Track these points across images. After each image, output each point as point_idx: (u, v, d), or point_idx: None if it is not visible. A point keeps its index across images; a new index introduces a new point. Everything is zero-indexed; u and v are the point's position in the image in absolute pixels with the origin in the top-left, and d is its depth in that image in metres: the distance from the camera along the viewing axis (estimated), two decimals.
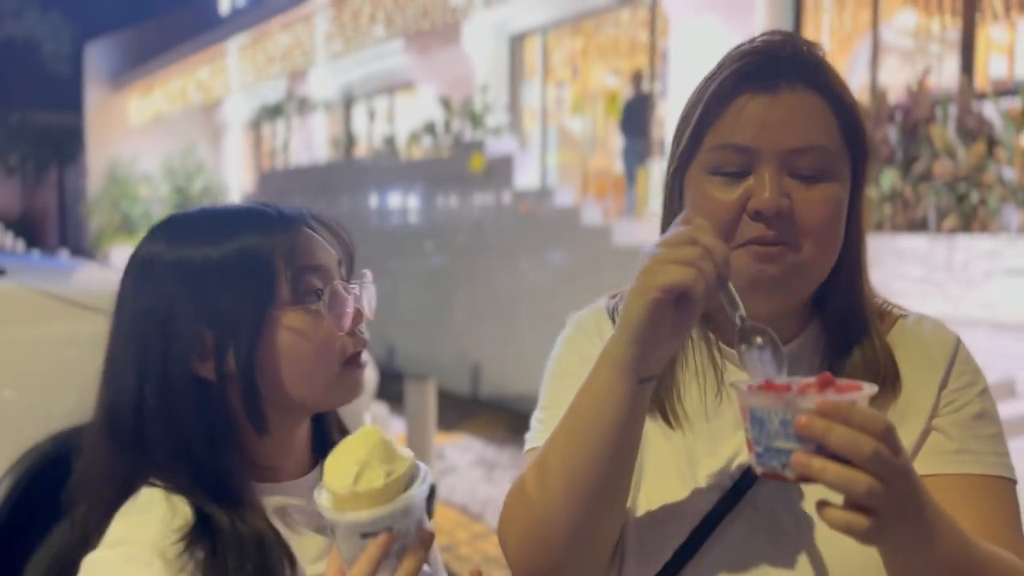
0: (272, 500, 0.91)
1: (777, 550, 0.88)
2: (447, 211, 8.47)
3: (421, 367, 7.32)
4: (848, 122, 0.88)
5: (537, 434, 0.99)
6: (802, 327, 0.94)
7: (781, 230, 0.84)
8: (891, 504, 0.66)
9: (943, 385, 0.93)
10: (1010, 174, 6.29)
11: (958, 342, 0.96)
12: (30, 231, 21.06)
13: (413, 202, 9.04)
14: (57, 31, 23.61)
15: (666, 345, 0.79)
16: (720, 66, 0.89)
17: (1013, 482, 0.92)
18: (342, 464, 0.75)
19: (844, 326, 0.92)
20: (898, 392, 0.91)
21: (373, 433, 0.77)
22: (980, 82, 7.36)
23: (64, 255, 10.49)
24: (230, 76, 17.31)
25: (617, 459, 0.81)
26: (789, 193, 0.85)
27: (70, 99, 21.79)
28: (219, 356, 0.87)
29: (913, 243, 6.61)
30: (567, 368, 0.98)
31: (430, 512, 0.83)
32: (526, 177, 7.68)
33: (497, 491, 5.09)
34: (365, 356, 0.94)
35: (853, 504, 0.66)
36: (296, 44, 14.89)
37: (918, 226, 6.80)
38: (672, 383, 0.94)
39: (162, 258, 0.90)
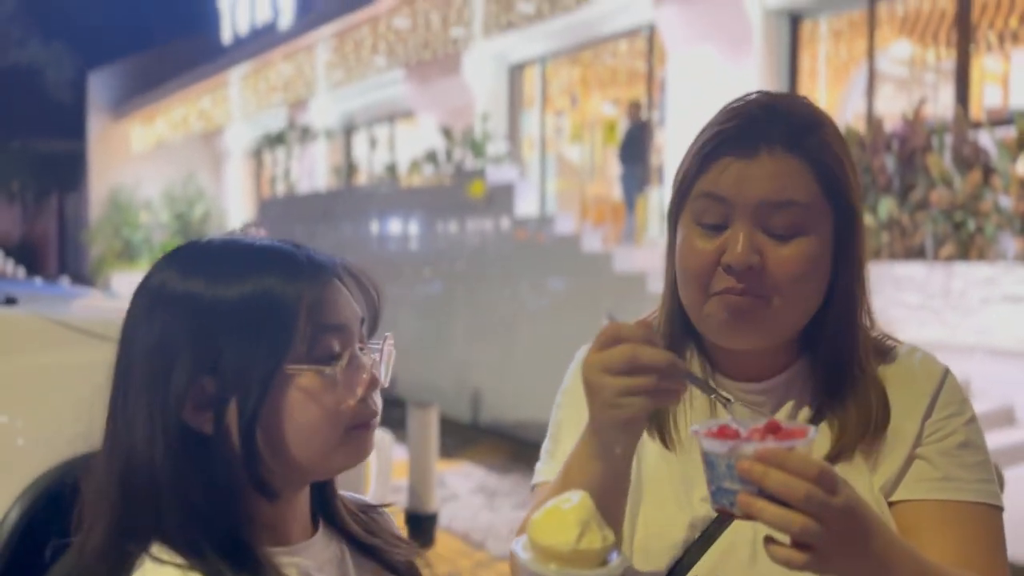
0: (289, 565, 0.84)
1: (759, 572, 0.93)
2: (447, 238, 8.52)
3: (421, 393, 7.32)
4: (829, 179, 0.92)
5: (545, 466, 1.04)
6: (790, 362, 0.99)
7: (751, 283, 0.90)
8: (830, 540, 0.71)
9: (927, 415, 0.96)
10: (1006, 202, 6.34)
11: (945, 373, 0.99)
12: (30, 258, 21.09)
13: (414, 229, 9.09)
14: (61, 60, 23.80)
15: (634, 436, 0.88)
16: (710, 124, 0.96)
17: (998, 509, 0.94)
18: (559, 522, 0.73)
19: (833, 365, 0.96)
20: (887, 427, 0.95)
21: (588, 498, 0.76)
22: (975, 111, 7.44)
23: (65, 282, 10.51)
24: (232, 105, 17.45)
25: (608, 504, 0.86)
26: (761, 249, 0.91)
27: (73, 127, 21.93)
28: (218, 408, 0.79)
29: (911, 271, 6.65)
30: (574, 400, 1.01)
31: None
32: (526, 204, 7.74)
33: (498, 518, 5.08)
34: (375, 421, 0.87)
35: (796, 542, 0.72)
36: (298, 73, 15.03)
37: (915, 254, 6.85)
38: (670, 408, 0.98)
39: (172, 289, 0.81)
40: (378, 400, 0.88)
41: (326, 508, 0.92)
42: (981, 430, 0.98)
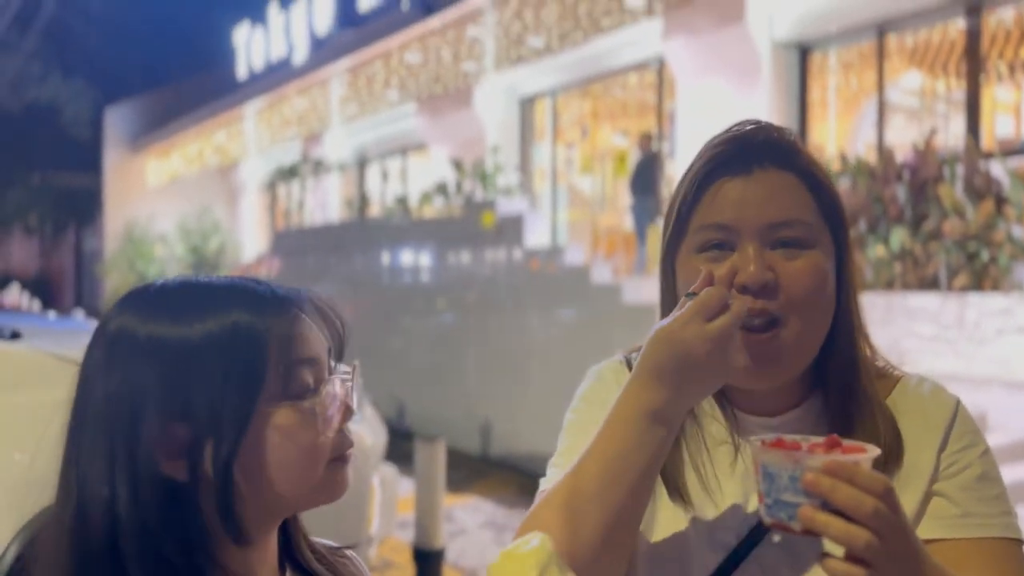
0: None
1: None
2: (458, 269, 8.53)
3: (431, 425, 7.29)
4: (823, 197, 0.93)
5: (554, 479, 1.00)
6: (804, 397, 0.97)
7: (767, 302, 0.88)
8: (888, 558, 0.70)
9: (942, 447, 0.94)
10: (1019, 232, 6.29)
11: (957, 404, 0.97)
12: (46, 291, 21.28)
13: (425, 260, 9.11)
14: (79, 95, 24.18)
15: (701, 390, 0.85)
16: (698, 156, 0.95)
17: (1021, 543, 0.92)
18: (518, 566, 0.72)
19: (845, 396, 0.94)
20: (901, 457, 0.93)
21: (548, 540, 0.74)
22: (987, 141, 7.42)
23: (79, 315, 10.57)
24: (247, 139, 17.65)
25: (641, 497, 0.86)
26: (773, 266, 0.89)
27: (90, 161, 22.23)
28: (193, 455, 0.76)
29: (924, 301, 6.59)
30: (587, 417, 1.00)
31: None
32: (536, 236, 7.75)
33: None
34: (351, 453, 0.85)
35: (852, 557, 0.71)
36: (312, 108, 15.20)
37: (929, 284, 6.79)
38: (687, 459, 0.97)
39: (132, 334, 0.77)
40: (351, 430, 0.85)
41: (291, 552, 0.90)
42: (996, 462, 0.95)
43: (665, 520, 0.96)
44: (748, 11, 8.25)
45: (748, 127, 0.96)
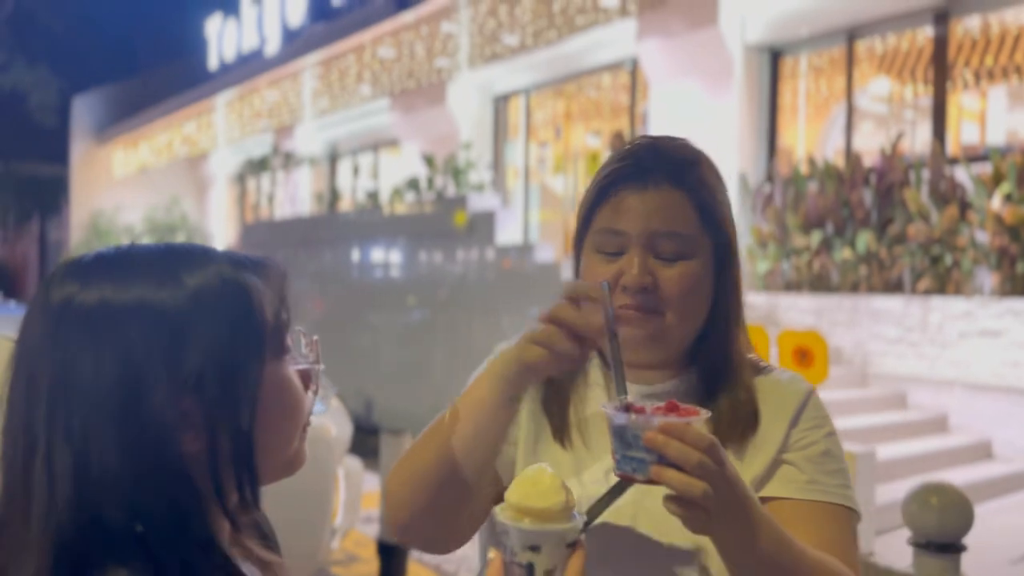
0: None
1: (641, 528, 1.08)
2: (429, 266, 8.51)
3: (399, 421, 7.26)
4: (708, 212, 1.09)
5: None
6: (681, 372, 1.14)
7: (646, 301, 1.06)
8: (717, 504, 0.84)
9: (794, 424, 1.11)
10: (983, 237, 6.40)
11: (811, 391, 1.14)
12: (8, 281, 20.90)
13: (395, 256, 9.07)
14: (44, 83, 23.78)
15: (531, 381, 1.01)
16: (603, 167, 1.12)
17: (855, 512, 1.09)
18: (548, 486, 0.82)
19: (716, 375, 1.11)
20: (757, 427, 1.10)
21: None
22: (952, 147, 7.55)
23: None
24: (216, 130, 17.45)
25: (480, 446, 1.02)
26: (653, 271, 1.07)
27: (55, 151, 21.87)
28: (210, 427, 0.70)
29: (888, 304, 6.69)
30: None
31: None
32: (508, 233, 7.74)
33: (471, 549, 5.01)
34: (308, 423, 0.83)
35: (691, 502, 0.85)
36: (283, 100, 15.07)
37: (893, 287, 6.89)
38: (569, 406, 1.14)
39: (111, 304, 0.69)
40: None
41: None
42: (840, 443, 1.13)
43: (546, 457, 1.11)
44: (721, 14, 8.30)
45: (645, 144, 1.11)
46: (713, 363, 1.11)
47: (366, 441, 6.14)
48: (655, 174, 1.07)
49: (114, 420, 0.68)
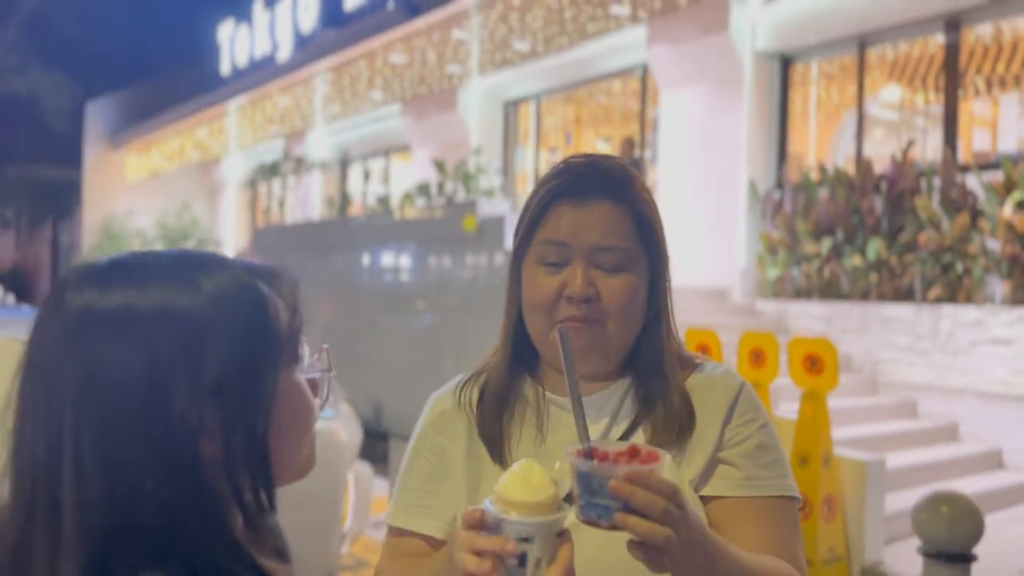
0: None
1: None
2: (439, 271, 8.52)
3: (408, 427, 7.25)
4: (644, 226, 1.13)
5: (395, 510, 1.23)
6: (616, 380, 1.17)
7: (589, 311, 1.10)
8: (679, 547, 0.86)
9: (727, 422, 1.13)
10: (994, 245, 6.37)
11: (742, 385, 1.17)
12: (22, 284, 21.04)
13: (405, 261, 9.09)
14: (59, 88, 23.97)
15: None
16: (542, 182, 1.15)
17: (794, 499, 1.12)
18: (539, 481, 0.86)
19: (650, 381, 1.15)
20: (693, 428, 1.13)
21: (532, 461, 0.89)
22: (963, 155, 7.52)
23: None
24: (228, 136, 17.54)
25: None
26: (595, 282, 1.11)
27: (69, 155, 22.04)
28: (227, 431, 0.71)
29: (899, 312, 6.66)
30: (420, 452, 1.26)
31: None
32: None
33: None
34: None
35: (653, 547, 0.87)
36: (295, 106, 15.14)
37: (904, 295, 6.86)
38: (503, 431, 1.17)
39: (133, 309, 0.70)
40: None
41: None
42: (775, 433, 1.16)
43: (488, 480, 1.14)
44: (731, 21, 8.31)
45: (582, 161, 1.14)
46: (647, 371, 1.15)
47: (376, 446, 6.16)
48: (596, 190, 1.11)
49: (142, 421, 0.69)
